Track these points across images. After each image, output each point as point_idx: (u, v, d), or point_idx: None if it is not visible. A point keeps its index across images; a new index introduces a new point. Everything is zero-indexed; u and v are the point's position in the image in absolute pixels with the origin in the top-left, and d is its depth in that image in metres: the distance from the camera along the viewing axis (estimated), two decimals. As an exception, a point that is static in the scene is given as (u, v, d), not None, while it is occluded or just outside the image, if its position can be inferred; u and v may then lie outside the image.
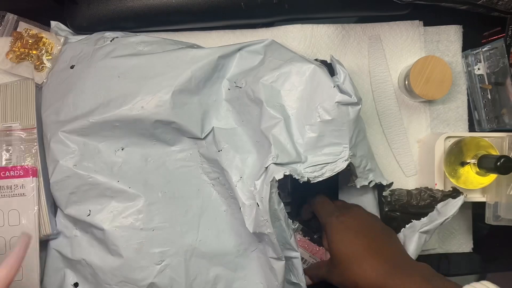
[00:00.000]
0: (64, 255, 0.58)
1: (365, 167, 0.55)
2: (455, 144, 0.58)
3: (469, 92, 0.66)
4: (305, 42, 0.64)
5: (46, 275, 0.58)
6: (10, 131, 0.57)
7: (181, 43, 0.60)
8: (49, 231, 0.56)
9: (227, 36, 0.65)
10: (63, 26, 0.63)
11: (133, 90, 0.54)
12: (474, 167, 0.57)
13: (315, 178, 0.50)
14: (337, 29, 0.65)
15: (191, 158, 0.58)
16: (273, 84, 0.53)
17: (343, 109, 0.50)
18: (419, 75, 0.61)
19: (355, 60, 0.66)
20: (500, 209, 0.59)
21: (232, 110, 0.57)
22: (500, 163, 0.52)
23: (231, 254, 0.56)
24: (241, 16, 0.62)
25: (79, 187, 0.55)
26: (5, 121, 0.57)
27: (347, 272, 0.49)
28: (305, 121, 0.52)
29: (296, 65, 0.53)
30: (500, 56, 0.62)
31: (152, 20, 0.61)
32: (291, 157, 0.50)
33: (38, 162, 0.57)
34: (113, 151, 0.56)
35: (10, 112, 0.58)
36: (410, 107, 0.66)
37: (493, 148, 0.58)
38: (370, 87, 0.66)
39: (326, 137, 0.51)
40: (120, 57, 0.56)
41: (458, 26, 0.66)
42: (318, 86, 0.51)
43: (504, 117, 0.63)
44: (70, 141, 0.55)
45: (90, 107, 0.54)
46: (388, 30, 0.66)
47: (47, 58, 0.60)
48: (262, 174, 0.50)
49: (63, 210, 0.57)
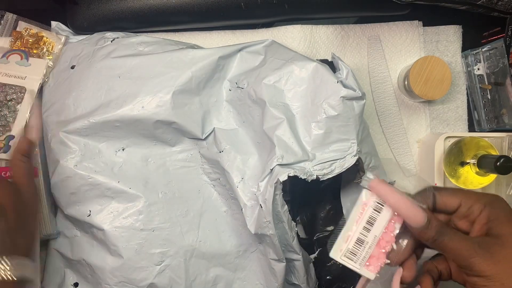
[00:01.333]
0: (64, 255, 0.58)
1: (369, 164, 0.55)
2: (455, 144, 0.58)
3: (468, 92, 0.66)
4: (305, 42, 0.64)
5: (46, 275, 0.58)
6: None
7: (182, 44, 0.60)
8: (49, 231, 0.56)
9: (227, 36, 0.65)
10: (63, 26, 0.63)
11: (134, 90, 0.54)
12: (474, 167, 0.57)
13: (324, 175, 0.50)
14: (336, 29, 0.65)
15: (192, 159, 0.58)
16: (276, 84, 0.53)
17: (348, 104, 0.50)
18: (418, 75, 0.61)
19: (354, 61, 0.66)
20: (499, 209, 0.59)
21: (233, 111, 0.57)
22: (500, 163, 0.53)
23: (231, 254, 0.56)
24: (241, 16, 0.62)
25: (79, 188, 0.55)
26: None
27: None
28: (311, 119, 0.52)
29: (298, 64, 0.53)
30: (500, 56, 0.62)
31: (152, 20, 0.61)
32: (297, 156, 0.50)
33: (38, 162, 0.56)
34: (113, 151, 0.56)
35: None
36: (409, 107, 0.66)
37: (493, 148, 0.58)
38: (370, 88, 0.66)
39: (333, 133, 0.51)
40: (121, 57, 0.56)
41: (458, 26, 0.67)
42: (321, 82, 0.51)
43: (504, 117, 0.63)
44: (70, 141, 0.55)
45: (90, 108, 0.54)
46: (388, 30, 0.66)
47: (48, 58, 0.60)
48: (266, 176, 0.49)
49: (63, 210, 0.57)
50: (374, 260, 0.40)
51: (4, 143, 0.54)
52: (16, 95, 0.54)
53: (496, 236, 0.37)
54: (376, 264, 0.40)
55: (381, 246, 0.40)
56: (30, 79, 0.56)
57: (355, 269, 0.40)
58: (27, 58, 0.57)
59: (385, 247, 0.40)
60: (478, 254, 0.36)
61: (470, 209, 0.39)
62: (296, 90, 0.53)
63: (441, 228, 0.38)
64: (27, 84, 0.56)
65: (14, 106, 0.55)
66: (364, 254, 0.40)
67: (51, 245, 0.59)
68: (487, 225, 0.38)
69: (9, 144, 0.54)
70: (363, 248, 0.40)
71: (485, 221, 0.38)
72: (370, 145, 0.56)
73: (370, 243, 0.40)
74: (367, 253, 0.40)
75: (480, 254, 0.36)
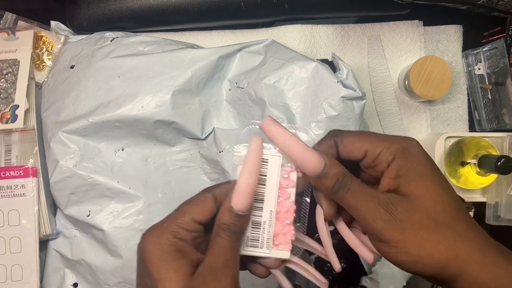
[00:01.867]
0: (63, 255, 0.58)
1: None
2: (455, 144, 0.58)
3: (469, 92, 0.66)
4: (305, 42, 0.64)
5: (46, 275, 0.58)
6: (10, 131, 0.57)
7: (181, 43, 0.60)
8: (49, 231, 0.56)
9: (227, 36, 0.64)
10: (63, 26, 0.63)
11: (133, 90, 0.54)
12: (475, 167, 0.57)
13: None
14: (336, 29, 0.65)
15: (192, 159, 0.58)
16: (276, 84, 0.53)
17: (349, 104, 0.50)
18: (419, 75, 0.61)
19: (354, 60, 0.66)
20: (500, 209, 0.59)
21: (233, 110, 0.57)
22: (501, 163, 0.52)
23: (231, 254, 0.56)
24: (241, 16, 0.61)
25: (79, 187, 0.55)
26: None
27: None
28: (311, 119, 0.52)
29: (298, 64, 0.53)
30: (500, 56, 0.62)
31: (152, 20, 0.61)
32: None
33: (38, 162, 0.56)
34: (113, 151, 0.56)
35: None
36: (410, 107, 0.66)
37: (494, 148, 0.58)
38: (370, 88, 0.66)
39: None
40: (120, 57, 0.56)
41: (458, 26, 0.66)
42: (321, 82, 0.51)
43: (505, 117, 0.63)
44: (70, 141, 0.55)
45: (90, 107, 0.54)
46: (388, 30, 0.66)
47: (48, 57, 0.60)
48: None
49: (63, 210, 0.57)
50: (281, 237, 0.34)
51: (10, 114, 0.55)
52: (11, 68, 0.57)
53: (404, 196, 0.31)
54: (286, 239, 0.35)
55: (281, 219, 0.34)
56: (20, 50, 0.58)
57: (265, 255, 0.35)
58: (13, 33, 0.59)
59: (287, 218, 0.35)
60: (382, 218, 0.30)
61: (378, 159, 0.32)
62: (296, 90, 0.53)
63: (343, 178, 0.31)
64: (19, 56, 0.58)
65: (12, 78, 0.56)
66: (266, 235, 0.34)
67: (50, 245, 0.59)
68: (396, 181, 0.32)
69: (15, 114, 0.55)
70: (262, 229, 0.34)
71: (393, 175, 0.32)
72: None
73: (268, 221, 0.34)
74: (269, 233, 0.34)
75: (385, 218, 0.30)
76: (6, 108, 0.56)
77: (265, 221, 0.34)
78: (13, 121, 0.55)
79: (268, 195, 0.34)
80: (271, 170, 0.34)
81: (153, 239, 0.32)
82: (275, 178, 0.34)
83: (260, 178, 0.33)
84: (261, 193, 0.34)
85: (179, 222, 0.32)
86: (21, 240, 0.55)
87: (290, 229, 0.35)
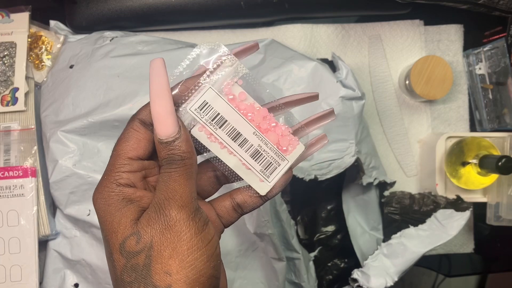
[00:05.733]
0: (63, 256, 0.58)
1: (369, 164, 0.55)
2: (456, 144, 0.58)
3: (470, 92, 0.66)
4: (305, 41, 0.64)
5: (46, 277, 0.58)
6: (9, 131, 0.57)
7: (181, 43, 0.60)
8: (48, 232, 0.56)
9: (227, 35, 0.64)
10: (62, 26, 0.63)
11: (133, 89, 0.54)
12: (475, 167, 0.57)
13: (322, 175, 0.50)
14: (337, 28, 0.65)
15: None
16: (275, 83, 0.53)
17: (348, 104, 0.50)
18: (419, 75, 0.60)
19: (355, 60, 0.66)
20: (501, 210, 0.59)
21: (233, 109, 0.57)
22: (502, 163, 0.52)
23: (232, 253, 0.56)
24: (241, 15, 0.61)
25: (78, 187, 0.55)
26: (4, 121, 0.57)
27: None
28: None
29: (298, 63, 0.53)
30: (501, 55, 0.62)
31: (151, 19, 0.61)
32: None
33: (37, 162, 0.56)
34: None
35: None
36: (410, 107, 0.66)
37: (494, 148, 0.58)
38: (371, 87, 0.66)
39: (331, 133, 0.51)
40: (120, 56, 0.56)
41: (459, 26, 0.66)
42: (320, 82, 0.51)
43: (506, 117, 0.63)
44: (69, 141, 0.55)
45: (89, 107, 0.54)
46: (389, 29, 0.66)
47: (47, 57, 0.59)
48: None
49: (62, 210, 0.56)
50: (282, 140, 0.32)
51: (10, 96, 0.56)
52: (8, 50, 0.57)
53: None
54: (288, 138, 0.32)
55: (267, 128, 0.32)
56: (17, 32, 0.58)
57: (287, 167, 0.32)
58: (8, 16, 0.59)
59: (270, 123, 0.32)
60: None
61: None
62: (295, 89, 0.52)
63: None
64: (15, 38, 0.58)
65: (9, 61, 0.57)
66: (272, 153, 0.32)
67: (50, 245, 0.59)
68: None
69: (15, 97, 0.56)
70: (264, 152, 0.32)
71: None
72: (369, 145, 0.56)
73: (260, 142, 0.31)
74: (272, 149, 0.32)
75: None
76: (6, 90, 0.56)
77: (258, 143, 0.31)
78: (13, 104, 0.56)
79: (237, 123, 0.31)
80: (222, 109, 0.31)
81: (97, 196, 0.29)
82: (228, 107, 0.31)
83: (219, 116, 0.31)
84: (232, 128, 0.31)
85: (117, 167, 0.29)
86: (20, 240, 0.55)
87: (281, 128, 0.32)
